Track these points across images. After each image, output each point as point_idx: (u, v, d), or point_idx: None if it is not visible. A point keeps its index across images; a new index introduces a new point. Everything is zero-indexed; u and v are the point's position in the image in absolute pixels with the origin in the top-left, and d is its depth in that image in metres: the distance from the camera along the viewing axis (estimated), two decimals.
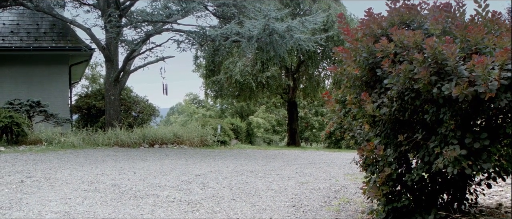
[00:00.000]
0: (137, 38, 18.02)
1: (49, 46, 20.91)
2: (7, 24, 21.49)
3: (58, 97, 20.81)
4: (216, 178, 9.86)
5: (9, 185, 8.50)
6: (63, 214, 6.41)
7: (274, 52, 16.93)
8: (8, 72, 20.78)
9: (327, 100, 6.15)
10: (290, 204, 7.22)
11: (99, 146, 16.98)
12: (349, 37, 5.68)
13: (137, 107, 22.31)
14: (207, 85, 30.45)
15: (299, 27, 16.10)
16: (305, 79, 29.19)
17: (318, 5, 25.48)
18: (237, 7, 17.29)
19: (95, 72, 41.59)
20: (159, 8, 17.62)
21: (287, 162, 13.67)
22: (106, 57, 19.04)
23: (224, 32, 15.86)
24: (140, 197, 7.60)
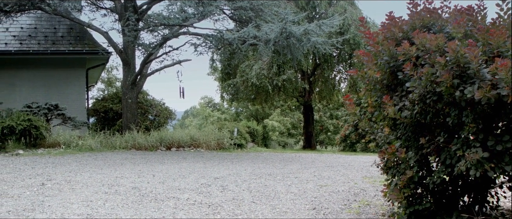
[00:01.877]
0: (154, 42, 18.13)
1: (67, 50, 21.09)
2: (25, 28, 21.71)
3: (75, 101, 20.98)
4: (235, 181, 9.90)
5: (30, 187, 8.60)
6: (85, 216, 6.47)
7: (291, 56, 16.97)
8: (26, 76, 20.98)
9: (348, 103, 6.17)
10: (310, 207, 7.24)
11: (116, 149, 17.09)
12: (370, 40, 5.71)
13: (154, 111, 22.41)
14: (223, 89, 30.54)
15: (316, 31, 16.13)
16: (321, 83, 29.18)
17: (334, 8, 25.49)
18: (254, 10, 17.34)
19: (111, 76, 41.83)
20: (175, 11, 17.72)
21: (305, 165, 13.69)
22: (123, 61, 19.17)
23: (241, 35, 15.92)
24: (160, 199, 7.66)
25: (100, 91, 40.24)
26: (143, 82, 19.82)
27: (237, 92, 28.43)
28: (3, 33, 20.96)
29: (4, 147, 15.45)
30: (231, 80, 28.26)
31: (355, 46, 24.71)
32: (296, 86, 27.81)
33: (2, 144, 15.44)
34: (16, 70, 20.91)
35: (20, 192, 8.12)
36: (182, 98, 21.31)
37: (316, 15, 26.39)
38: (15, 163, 12.39)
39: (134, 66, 19.28)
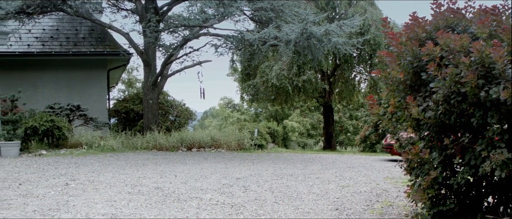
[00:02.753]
0: (174, 43, 18.22)
1: (88, 51, 21.29)
2: (47, 30, 21.95)
3: (97, 101, 21.16)
4: (257, 181, 9.93)
5: (54, 187, 8.70)
6: (110, 215, 6.54)
7: (311, 56, 16.97)
8: (49, 77, 21.21)
9: (371, 103, 6.17)
10: (333, 208, 7.24)
11: (138, 149, 17.21)
12: (393, 41, 5.70)
13: (175, 111, 22.52)
14: (243, 89, 30.58)
15: (337, 31, 16.11)
16: (341, 83, 29.11)
17: (354, 9, 25.43)
18: (274, 11, 17.36)
19: (131, 77, 42.14)
20: (195, 12, 17.80)
21: (326, 165, 13.68)
22: (144, 62, 19.30)
23: (262, 36, 15.95)
24: (183, 200, 7.71)
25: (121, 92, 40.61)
26: (163, 83, 19.94)
27: (257, 93, 28.46)
28: (26, 35, 21.21)
29: (28, 147, 15.64)
30: (251, 81, 28.31)
31: (375, 46, 24.60)
32: (316, 87, 27.76)
33: (26, 144, 15.63)
34: (39, 72, 21.14)
35: (45, 191, 8.22)
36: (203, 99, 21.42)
37: (336, 16, 26.33)
38: (38, 163, 12.55)
39: (155, 67, 19.39)
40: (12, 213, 6.58)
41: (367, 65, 27.41)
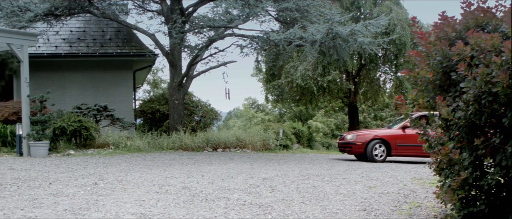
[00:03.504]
0: (200, 44, 18.32)
1: (114, 52, 21.51)
2: (74, 31, 22.22)
3: (123, 102, 21.36)
4: (283, 181, 9.94)
5: (84, 187, 8.80)
6: (139, 215, 6.60)
7: (337, 56, 16.94)
8: (76, 78, 21.47)
9: (400, 104, 6.14)
10: (360, 208, 7.22)
11: (164, 149, 17.33)
12: (422, 40, 5.67)
13: (200, 112, 22.63)
14: (268, 90, 30.60)
15: (363, 31, 16.07)
16: (366, 83, 28.96)
17: (379, 9, 25.29)
18: (299, 11, 17.35)
19: (156, 77, 42.45)
20: (220, 13, 17.87)
21: (351, 166, 13.65)
22: (170, 63, 19.43)
23: (288, 36, 15.96)
24: (211, 199, 7.75)
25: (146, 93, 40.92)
26: (189, 83, 20.05)
27: (282, 94, 28.47)
28: (53, 37, 21.49)
29: (56, 147, 15.85)
30: (276, 82, 28.32)
31: (401, 46, 24.44)
32: (341, 87, 27.68)
33: (54, 144, 15.84)
34: (66, 73, 21.42)
35: (75, 191, 8.33)
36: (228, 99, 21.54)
37: (360, 16, 26.22)
38: (67, 163, 12.71)
39: (180, 68, 19.51)
40: (44, 212, 6.68)
41: (393, 65, 27.25)
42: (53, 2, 18.29)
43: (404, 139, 15.64)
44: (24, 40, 15.55)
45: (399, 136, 15.73)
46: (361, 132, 16.78)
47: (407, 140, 15.52)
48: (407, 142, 15.54)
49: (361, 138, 15.97)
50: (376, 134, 16.01)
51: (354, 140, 16.04)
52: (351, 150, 16.12)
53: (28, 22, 18.11)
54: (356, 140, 15.95)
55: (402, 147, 15.71)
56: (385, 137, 15.78)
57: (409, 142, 15.42)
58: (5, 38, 15.13)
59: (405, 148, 15.71)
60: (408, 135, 15.43)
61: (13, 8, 18.20)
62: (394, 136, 15.78)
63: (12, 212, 6.69)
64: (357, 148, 15.86)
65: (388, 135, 15.87)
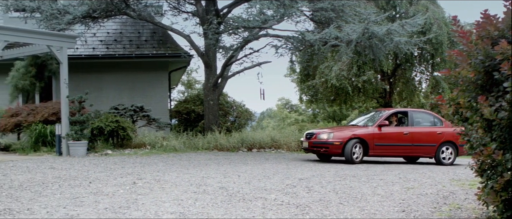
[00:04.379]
0: (234, 44, 18.41)
1: (150, 54, 21.72)
2: (111, 33, 22.52)
3: (158, 103, 21.57)
4: (320, 182, 9.94)
5: (123, 186, 8.94)
6: (178, 214, 6.68)
7: (373, 56, 16.84)
8: (112, 79, 21.75)
9: (441, 104, 6.09)
10: (399, 209, 7.18)
11: (199, 149, 17.46)
12: (463, 39, 5.60)
13: (234, 112, 22.73)
14: (302, 90, 30.54)
15: (399, 30, 15.94)
16: (401, 83, 28.67)
17: (415, 8, 25.01)
18: (335, 11, 17.30)
19: (190, 78, 42.72)
20: (254, 14, 17.94)
21: (388, 166, 13.55)
22: (205, 63, 19.56)
23: (323, 36, 15.93)
24: (248, 199, 7.79)
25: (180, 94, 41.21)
26: (224, 84, 20.15)
27: (316, 94, 28.38)
28: (91, 38, 21.82)
29: (94, 147, 16.11)
30: (310, 82, 28.24)
31: (437, 45, 24.13)
32: (376, 87, 27.47)
33: (92, 144, 16.10)
34: (103, 74, 21.72)
35: (114, 190, 8.46)
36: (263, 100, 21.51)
37: (396, 15, 25.98)
38: (105, 162, 12.91)
39: (215, 69, 19.63)
40: (85, 210, 6.81)
41: (429, 65, 26.92)
42: (91, 5, 18.60)
43: (382, 138, 14.81)
44: (63, 42, 15.87)
45: (377, 135, 14.76)
46: (333, 130, 15.17)
47: (385, 139, 14.85)
48: (385, 141, 14.84)
49: (339, 137, 14.59)
50: (354, 132, 14.73)
51: (332, 139, 14.62)
52: (328, 150, 14.68)
53: (67, 24, 18.46)
54: (334, 139, 14.56)
55: (380, 147, 14.80)
56: (363, 136, 14.65)
57: (387, 141, 14.85)
58: (45, 40, 15.46)
59: (383, 147, 14.87)
60: (386, 134, 14.88)
61: (52, 11, 18.55)
62: (372, 135, 14.73)
63: (55, 210, 6.83)
64: (335, 148, 14.51)
65: (366, 134, 14.73)
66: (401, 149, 15.20)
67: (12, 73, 18.92)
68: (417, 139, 15.17)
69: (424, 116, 16.09)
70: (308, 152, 15.64)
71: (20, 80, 18.66)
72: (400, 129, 15.27)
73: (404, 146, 15.10)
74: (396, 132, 15.09)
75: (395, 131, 15.13)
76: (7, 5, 19.16)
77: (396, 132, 15.07)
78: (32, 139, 16.21)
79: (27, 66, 18.84)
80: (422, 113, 16.47)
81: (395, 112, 15.87)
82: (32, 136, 16.26)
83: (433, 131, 15.45)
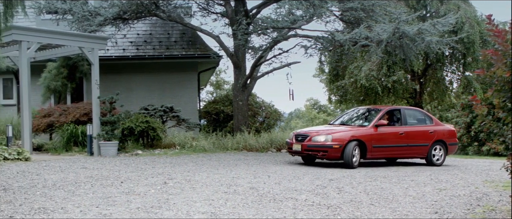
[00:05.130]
0: (263, 45, 18.40)
1: (180, 54, 21.83)
2: (141, 34, 22.70)
3: (188, 103, 21.66)
4: (350, 182, 9.89)
5: (154, 186, 9.01)
6: (209, 214, 6.70)
7: (404, 56, 16.68)
8: (142, 80, 21.92)
9: (475, 104, 6.01)
10: (431, 211, 7.10)
11: (228, 150, 17.49)
12: (499, 38, 5.52)
13: (263, 113, 22.73)
14: (331, 90, 30.42)
15: (430, 30, 15.75)
16: (432, 83, 28.34)
17: (446, 7, 24.71)
18: (365, 11, 17.17)
19: (219, 79, 42.89)
20: (283, 14, 17.90)
21: (418, 167, 13.41)
22: (234, 64, 19.60)
23: (353, 36, 15.82)
24: (279, 200, 7.79)
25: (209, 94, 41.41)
26: (253, 84, 20.16)
27: (346, 94, 28.24)
28: (121, 40, 22.02)
29: (124, 147, 16.26)
30: (339, 82, 28.11)
31: (469, 45, 23.79)
32: (406, 87, 27.22)
33: (122, 144, 16.25)
34: (133, 75, 21.90)
35: (145, 190, 8.53)
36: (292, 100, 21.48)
37: (427, 14, 25.71)
38: (136, 162, 13.02)
39: (244, 69, 19.65)
40: (117, 210, 6.87)
41: (460, 65, 26.56)
42: (121, 6, 18.77)
43: (379, 139, 13.51)
44: (94, 44, 16.08)
45: (374, 136, 13.45)
46: (330, 132, 13.45)
47: (383, 140, 13.57)
48: (383, 142, 13.56)
49: (338, 139, 13.04)
50: (353, 134, 13.26)
51: (331, 141, 13.04)
52: (327, 155, 13.07)
53: (98, 26, 18.66)
54: (333, 142, 12.99)
55: (378, 149, 13.49)
56: (362, 138, 13.22)
57: (384, 142, 13.59)
58: (77, 42, 15.69)
59: (381, 149, 13.59)
60: (383, 134, 13.62)
61: (84, 13, 18.78)
62: (370, 136, 13.39)
63: (88, 209, 6.92)
64: (334, 152, 12.92)
65: (364, 135, 13.32)
66: (397, 150, 14.03)
67: (45, 74, 19.21)
68: (411, 139, 14.10)
69: (416, 114, 15.07)
70: (297, 155, 14.10)
71: (52, 81, 18.94)
72: (396, 128, 14.09)
73: (400, 147, 13.95)
74: (393, 132, 13.92)
75: (392, 131, 13.94)
76: (40, 7, 19.43)
77: (392, 132, 13.89)
78: (64, 139, 16.44)
79: (59, 68, 19.12)
80: (413, 111, 15.44)
81: (390, 109, 14.69)
82: (64, 136, 16.48)
83: (425, 129, 14.45)
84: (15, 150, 13.34)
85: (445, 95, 28.42)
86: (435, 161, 14.31)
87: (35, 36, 15.09)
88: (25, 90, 14.71)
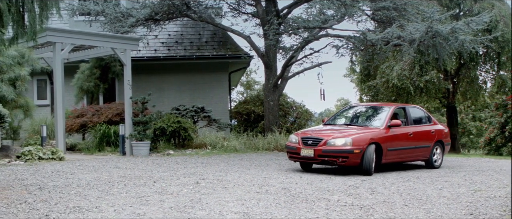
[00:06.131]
0: (294, 45, 18.36)
1: (211, 55, 21.90)
2: (172, 35, 22.83)
3: (218, 103, 21.72)
4: (383, 183, 9.80)
5: (186, 185, 9.05)
6: (242, 214, 6.71)
7: (436, 55, 16.47)
8: (173, 80, 22.04)
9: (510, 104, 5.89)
10: (467, 212, 6.99)
11: (259, 150, 17.48)
12: None
13: (294, 113, 22.69)
14: (362, 90, 30.23)
15: (464, 29, 15.52)
16: (465, 83, 27.95)
17: (480, 5, 24.33)
18: (397, 10, 17.01)
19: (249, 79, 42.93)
20: (314, 14, 17.83)
21: (452, 168, 13.20)
22: (265, 64, 19.59)
23: (385, 36, 15.68)
24: (311, 200, 7.76)
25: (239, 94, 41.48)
26: (284, 85, 20.13)
27: (377, 94, 28.00)
28: (153, 40, 22.17)
29: (156, 147, 16.38)
30: (371, 82, 27.91)
31: (504, 43, 23.38)
32: (439, 87, 26.88)
33: (154, 144, 16.38)
34: (164, 75, 22.04)
35: (178, 189, 8.58)
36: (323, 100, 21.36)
37: (460, 13, 25.37)
38: (168, 162, 13.11)
39: (275, 69, 19.62)
40: (151, 209, 6.92)
41: (494, 64, 26.14)
42: (153, 8, 18.92)
43: (393, 141, 12.12)
44: (127, 45, 16.25)
45: (389, 138, 11.99)
46: (346, 134, 11.81)
47: (396, 143, 12.22)
48: (396, 144, 12.21)
49: (359, 142, 11.33)
50: (371, 136, 11.67)
51: (350, 146, 11.26)
52: (347, 161, 11.23)
53: (130, 27, 18.83)
54: (354, 146, 11.23)
55: (392, 152, 12.09)
56: (379, 140, 11.70)
57: (397, 145, 12.27)
58: (110, 43, 15.87)
59: (395, 153, 12.22)
60: (396, 136, 12.22)
61: (116, 14, 18.97)
62: (385, 138, 11.88)
63: (122, 208, 6.98)
64: (355, 157, 11.20)
65: (381, 137, 11.81)
66: (406, 152, 12.69)
67: (78, 75, 19.50)
68: (417, 140, 12.83)
69: (418, 112, 13.77)
70: (307, 162, 11.98)
71: (85, 82, 19.21)
72: (405, 129, 12.62)
73: (408, 149, 12.66)
74: (403, 132, 12.48)
75: (402, 131, 12.48)
76: (73, 9, 19.68)
77: (403, 133, 12.48)
78: (97, 139, 16.64)
79: (92, 68, 19.38)
80: (416, 109, 14.07)
81: (398, 107, 13.43)
82: (96, 136, 16.68)
83: (428, 129, 13.35)
84: (49, 150, 13.54)
85: (478, 95, 28.01)
86: (435, 163, 13.27)
87: (68, 37, 15.30)
88: (59, 91, 14.92)
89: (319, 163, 11.83)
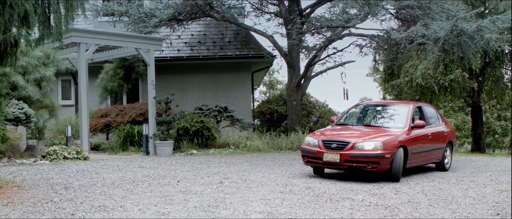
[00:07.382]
0: (318, 44, 18.30)
1: (233, 55, 21.92)
2: (195, 35, 22.91)
3: (241, 103, 21.74)
4: (407, 183, 9.74)
5: (210, 185, 9.08)
6: (266, 214, 6.71)
7: (461, 54, 16.29)
8: (196, 80, 22.12)
9: None
10: (493, 213, 6.91)
11: (282, 150, 17.47)
12: None
13: (317, 112, 22.62)
14: (385, 90, 30.01)
15: (490, 27, 15.32)
16: (491, 82, 27.58)
17: (505, 3, 23.97)
18: (421, 8, 16.85)
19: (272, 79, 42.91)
20: (337, 13, 17.73)
21: (477, 168, 13.03)
22: (288, 64, 19.55)
23: (409, 35, 15.55)
24: (335, 200, 7.73)
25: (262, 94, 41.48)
26: (307, 84, 20.07)
27: (401, 93, 27.76)
28: (176, 41, 22.28)
29: (179, 147, 16.45)
30: (394, 81, 27.70)
31: None
32: (463, 86, 26.57)
33: (177, 144, 16.45)
34: (187, 75, 22.13)
35: (202, 189, 8.61)
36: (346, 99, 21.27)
37: (485, 11, 25.04)
38: (191, 162, 13.16)
39: (298, 69, 19.58)
40: (175, 208, 6.95)
41: None
42: (176, 8, 19.00)
43: (416, 143, 11.20)
44: (150, 45, 16.34)
45: (412, 140, 11.02)
46: (375, 136, 10.67)
47: (419, 145, 11.29)
48: (419, 147, 11.29)
49: (389, 146, 10.24)
50: (400, 139, 10.64)
51: (381, 150, 10.15)
52: (378, 167, 10.05)
53: (153, 27, 18.94)
54: (385, 150, 10.14)
55: (416, 155, 11.13)
56: (405, 143, 10.68)
57: (420, 147, 11.35)
58: (134, 43, 15.99)
59: (418, 156, 11.27)
60: (418, 138, 11.28)
61: (140, 14, 19.10)
62: (410, 141, 10.90)
63: (147, 207, 7.02)
64: (386, 162, 10.11)
65: (407, 140, 10.81)
66: (425, 155, 11.79)
67: (102, 75, 19.68)
68: (433, 142, 11.99)
69: (432, 111, 12.91)
70: (331, 167, 10.74)
71: (109, 82, 19.39)
72: (424, 130, 11.62)
73: (427, 151, 11.79)
74: (423, 134, 11.57)
75: (423, 133, 11.56)
76: (97, 10, 19.85)
77: (423, 134, 11.56)
78: (121, 138, 16.76)
79: (116, 69, 19.55)
80: (430, 108, 13.22)
81: (416, 106, 12.47)
82: (120, 136, 16.81)
83: (442, 130, 12.56)
84: (74, 149, 13.68)
85: (504, 94, 27.62)
86: (446, 165, 12.53)
87: (93, 38, 15.44)
88: (84, 91, 15.07)
89: (346, 169, 10.63)
